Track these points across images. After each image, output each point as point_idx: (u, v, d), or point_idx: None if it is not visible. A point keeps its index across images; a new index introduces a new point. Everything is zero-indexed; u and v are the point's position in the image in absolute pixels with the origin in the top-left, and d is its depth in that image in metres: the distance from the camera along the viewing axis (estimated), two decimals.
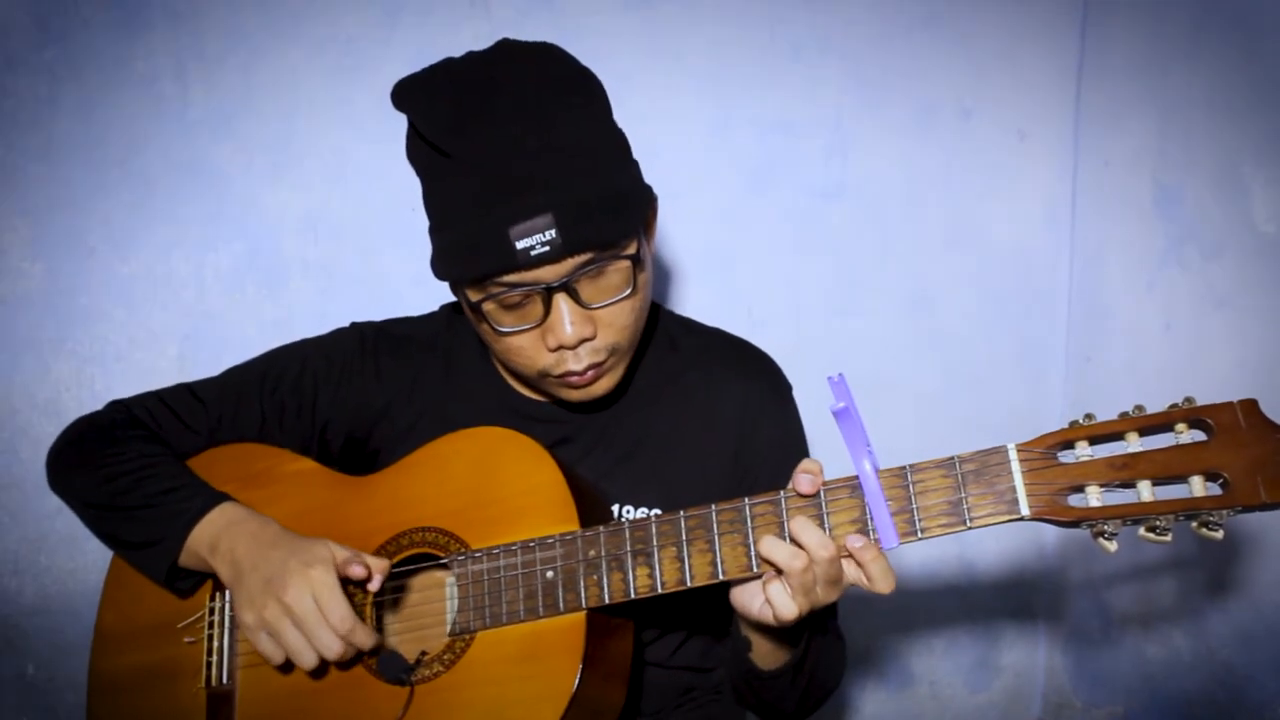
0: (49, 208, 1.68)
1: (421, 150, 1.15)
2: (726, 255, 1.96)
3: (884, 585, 1.02)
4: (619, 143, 1.19)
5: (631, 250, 1.14)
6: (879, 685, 2.15)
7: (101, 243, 1.71)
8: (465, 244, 1.10)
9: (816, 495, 1.03)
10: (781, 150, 1.96)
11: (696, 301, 1.94)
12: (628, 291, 1.15)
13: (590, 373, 1.18)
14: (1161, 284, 1.87)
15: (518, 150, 1.08)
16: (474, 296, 1.14)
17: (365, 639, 1.11)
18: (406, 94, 1.15)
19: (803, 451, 1.34)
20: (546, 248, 1.07)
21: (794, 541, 1.02)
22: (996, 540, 2.15)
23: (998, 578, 2.17)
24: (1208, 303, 1.76)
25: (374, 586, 1.14)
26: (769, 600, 1.03)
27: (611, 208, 1.11)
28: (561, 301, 1.12)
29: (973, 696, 2.18)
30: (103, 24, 1.67)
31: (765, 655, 1.17)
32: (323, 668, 1.14)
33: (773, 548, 1.02)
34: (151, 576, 1.23)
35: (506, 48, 1.16)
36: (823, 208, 1.99)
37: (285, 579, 1.10)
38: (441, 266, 1.14)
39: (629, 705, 1.19)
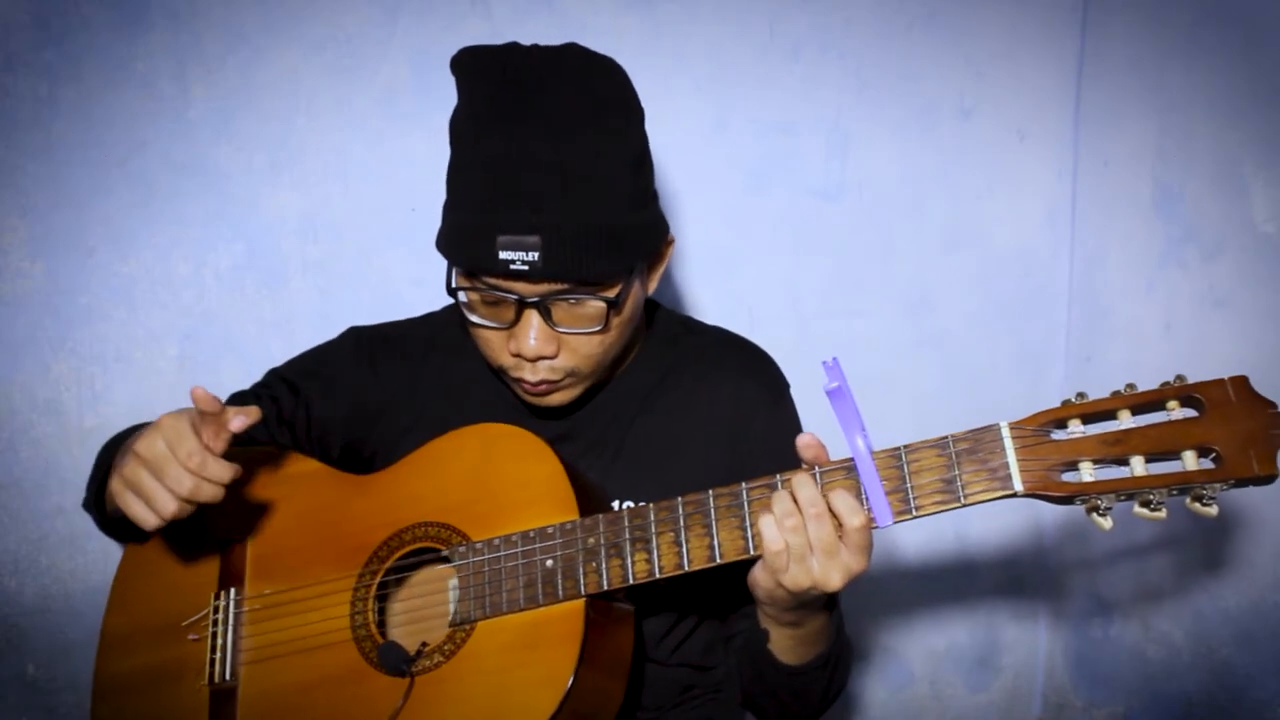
0: (49, 208, 1.68)
1: (455, 126, 1.18)
2: (726, 255, 1.96)
3: (856, 560, 1.02)
4: (639, 182, 1.19)
5: (611, 293, 1.16)
6: (879, 685, 2.15)
7: (101, 243, 1.71)
8: (458, 233, 1.15)
9: (813, 472, 1.05)
10: (781, 150, 1.96)
11: (696, 301, 1.94)
12: (598, 328, 1.17)
13: (543, 386, 1.21)
14: (1161, 284, 1.87)
15: (531, 163, 1.10)
16: (459, 283, 1.18)
17: (219, 471, 1.08)
18: (462, 67, 1.18)
19: (795, 448, 1.34)
20: (525, 266, 1.10)
21: (792, 498, 1.03)
22: (997, 539, 2.15)
23: (998, 577, 2.17)
24: (1208, 303, 1.76)
25: (236, 426, 1.11)
26: (758, 532, 1.04)
27: (603, 246, 1.13)
28: (531, 316, 1.15)
29: (973, 696, 2.18)
30: (103, 24, 1.67)
31: (786, 649, 1.17)
32: (320, 660, 1.15)
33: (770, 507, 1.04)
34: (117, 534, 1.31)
35: (569, 53, 1.17)
36: (823, 208, 1.99)
37: (140, 436, 1.10)
38: (439, 240, 1.19)
39: (629, 700, 1.19)
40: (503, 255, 1.10)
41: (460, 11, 1.79)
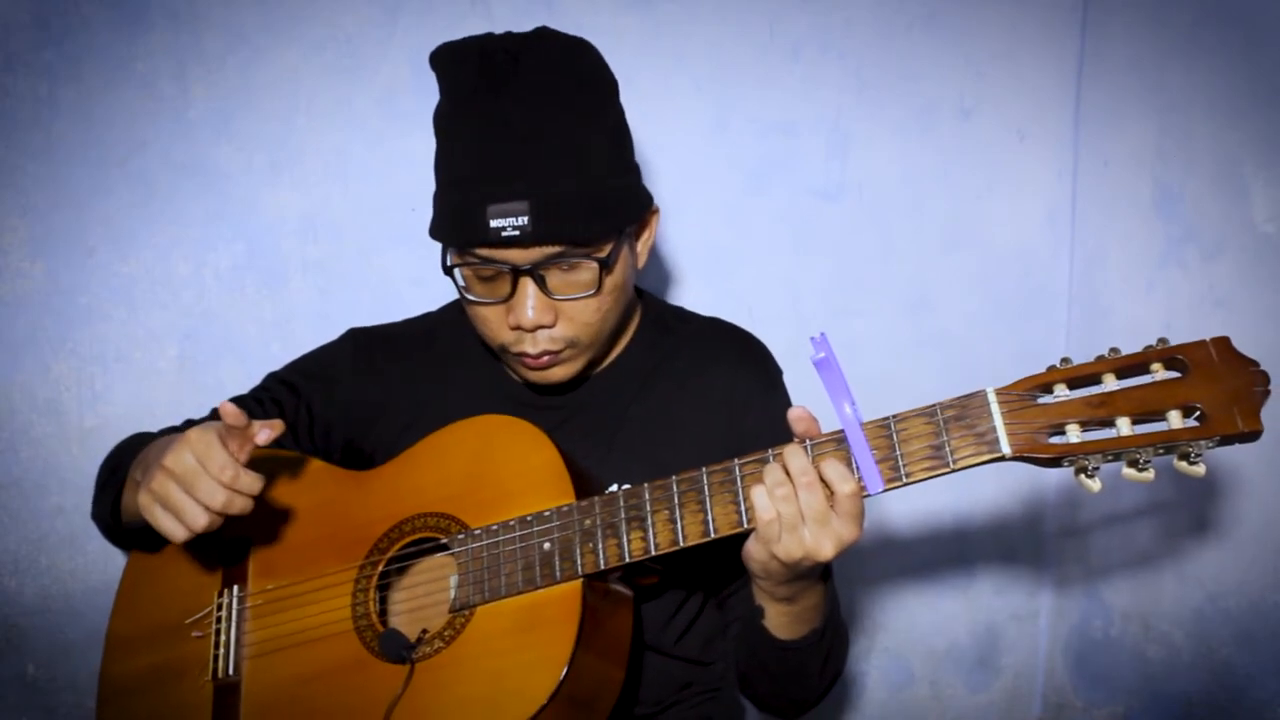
0: (49, 208, 1.68)
1: (438, 118, 1.22)
2: (726, 255, 1.96)
3: (847, 528, 1.03)
4: (618, 148, 1.23)
5: (603, 253, 1.19)
6: (879, 685, 2.15)
7: (101, 243, 1.71)
8: (449, 211, 1.18)
9: (804, 444, 1.06)
10: (781, 150, 1.96)
11: (696, 301, 1.93)
12: (592, 291, 1.20)
13: (545, 358, 1.23)
14: (1161, 284, 1.87)
15: (512, 135, 1.14)
16: (453, 260, 1.21)
17: (250, 483, 1.09)
18: (438, 60, 1.23)
19: (792, 435, 1.36)
20: (517, 232, 1.13)
21: (784, 469, 1.04)
22: (996, 539, 2.15)
23: (998, 577, 2.17)
24: (1208, 303, 1.76)
25: (262, 440, 1.13)
26: (751, 504, 1.05)
27: (590, 208, 1.16)
28: (527, 285, 1.18)
29: (973, 696, 2.18)
30: (103, 24, 1.67)
31: (781, 625, 1.18)
32: (322, 651, 1.15)
33: (762, 478, 1.05)
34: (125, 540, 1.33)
35: (540, 35, 1.22)
36: (823, 208, 1.99)
37: (167, 451, 1.10)
38: (431, 226, 1.22)
39: (627, 693, 1.20)
40: (494, 224, 1.13)
41: (460, 11, 1.79)
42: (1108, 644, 2.01)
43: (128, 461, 1.28)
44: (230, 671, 1.23)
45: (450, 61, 1.21)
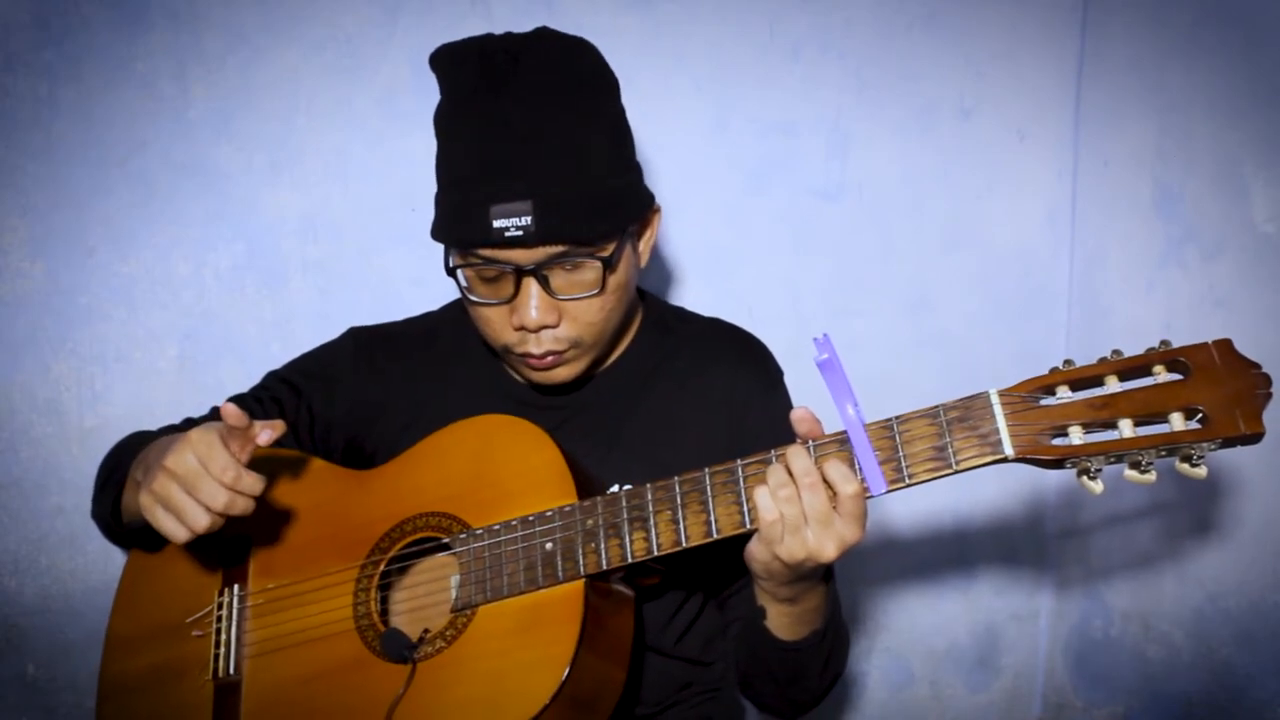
0: (49, 208, 1.68)
1: (438, 119, 1.22)
2: (726, 255, 1.96)
3: (850, 529, 1.03)
4: (619, 147, 1.23)
5: (606, 252, 1.19)
6: (879, 685, 2.15)
7: (101, 243, 1.71)
8: (452, 212, 1.18)
9: (807, 445, 1.07)
10: (781, 150, 1.96)
11: (696, 301, 1.93)
12: (595, 290, 1.20)
13: (549, 359, 1.23)
14: (1161, 284, 1.87)
15: (513, 135, 1.14)
16: (456, 261, 1.21)
17: (252, 484, 1.09)
18: (438, 61, 1.23)
19: (792, 435, 1.36)
20: (520, 232, 1.13)
21: (786, 470, 1.04)
22: (997, 539, 2.15)
23: (998, 578, 2.17)
24: (1208, 303, 1.76)
25: (264, 440, 1.13)
26: (754, 505, 1.05)
27: (593, 207, 1.16)
28: (530, 285, 1.18)
29: (973, 696, 2.18)
30: (103, 24, 1.67)
31: (782, 626, 1.18)
32: (324, 651, 1.15)
33: (765, 479, 1.05)
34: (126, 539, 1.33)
35: (539, 35, 1.22)
36: (823, 208, 1.99)
37: (168, 451, 1.10)
38: (434, 227, 1.22)
39: (628, 693, 1.20)
40: (497, 224, 1.13)
41: (460, 11, 1.79)
42: (1108, 644, 2.01)
43: (128, 461, 1.28)
44: (231, 671, 1.23)
45: (450, 62, 1.22)
